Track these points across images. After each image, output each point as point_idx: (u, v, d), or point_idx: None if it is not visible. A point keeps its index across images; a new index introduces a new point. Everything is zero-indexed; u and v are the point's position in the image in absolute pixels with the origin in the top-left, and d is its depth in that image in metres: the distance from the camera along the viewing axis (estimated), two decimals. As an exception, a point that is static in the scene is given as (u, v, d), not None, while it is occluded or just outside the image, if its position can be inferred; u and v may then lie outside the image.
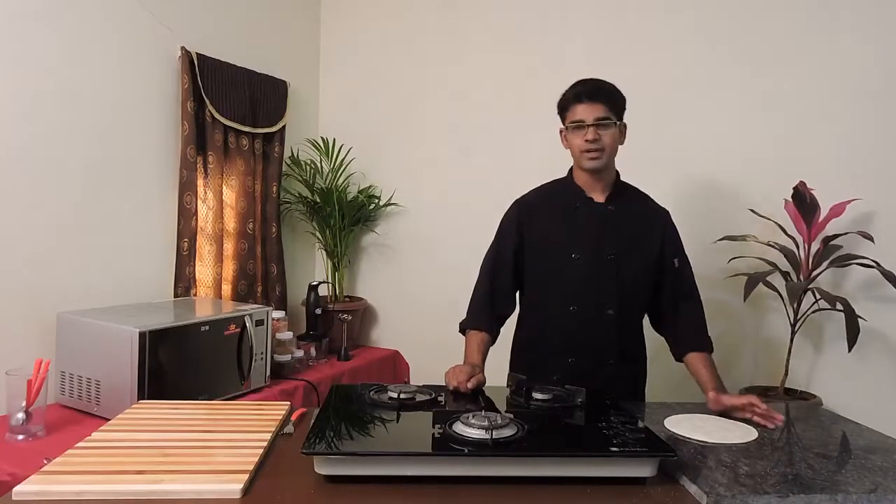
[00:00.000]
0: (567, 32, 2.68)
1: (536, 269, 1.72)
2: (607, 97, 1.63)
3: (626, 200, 1.70)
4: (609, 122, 1.61)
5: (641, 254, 1.68)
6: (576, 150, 1.65)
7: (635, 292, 1.69)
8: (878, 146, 2.14)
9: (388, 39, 3.13)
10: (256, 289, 2.82)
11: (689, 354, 1.66)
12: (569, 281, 1.66)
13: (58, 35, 2.09)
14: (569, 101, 1.65)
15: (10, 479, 1.45)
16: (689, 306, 1.72)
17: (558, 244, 1.68)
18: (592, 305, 1.65)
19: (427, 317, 2.97)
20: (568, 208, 1.69)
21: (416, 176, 3.07)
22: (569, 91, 1.66)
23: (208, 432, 1.23)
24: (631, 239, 1.67)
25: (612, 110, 1.62)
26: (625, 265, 1.65)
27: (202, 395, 1.98)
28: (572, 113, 1.64)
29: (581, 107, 1.62)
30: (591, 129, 1.60)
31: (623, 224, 1.67)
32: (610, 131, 1.61)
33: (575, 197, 1.69)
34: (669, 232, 1.73)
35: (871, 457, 1.20)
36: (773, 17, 2.29)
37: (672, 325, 1.72)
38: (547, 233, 1.70)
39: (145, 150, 2.40)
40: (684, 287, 1.73)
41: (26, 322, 2.02)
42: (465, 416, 1.14)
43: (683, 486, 1.07)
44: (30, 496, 0.96)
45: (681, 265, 1.73)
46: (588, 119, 1.60)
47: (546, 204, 1.74)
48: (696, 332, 1.70)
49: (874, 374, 2.16)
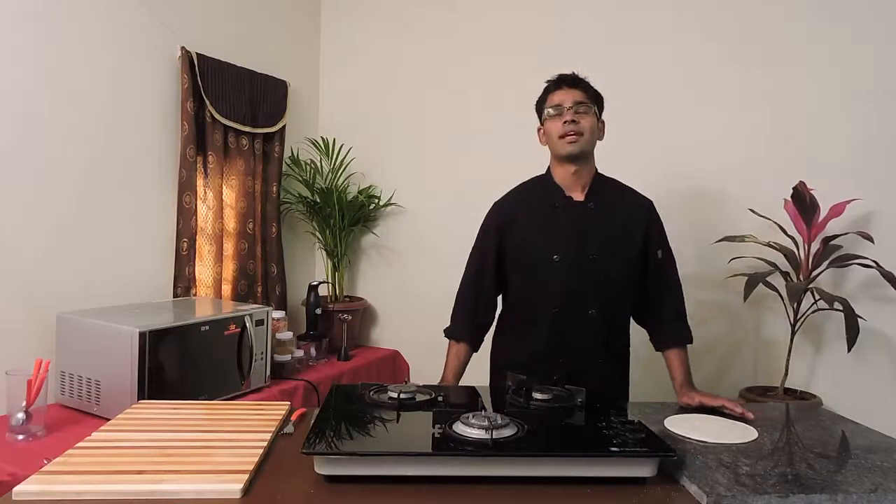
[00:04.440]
0: (567, 32, 2.68)
1: (518, 272, 1.70)
2: (586, 86, 1.64)
3: (606, 196, 1.67)
4: (588, 106, 1.60)
5: (624, 250, 1.66)
6: (554, 136, 1.63)
7: (618, 291, 1.67)
8: (878, 146, 2.14)
9: (388, 39, 3.14)
10: (256, 289, 2.82)
11: (666, 348, 1.69)
12: (551, 283, 1.64)
13: (58, 35, 2.09)
14: (547, 90, 1.67)
15: (10, 479, 1.45)
16: (671, 298, 1.72)
17: (539, 247, 1.65)
18: (575, 306, 1.64)
19: (427, 317, 2.94)
20: (547, 209, 1.66)
21: (416, 176, 3.07)
22: (547, 83, 1.68)
23: (208, 432, 1.23)
24: (613, 236, 1.65)
25: (591, 99, 1.62)
26: (607, 264, 1.63)
27: (202, 395, 1.98)
28: (550, 99, 1.64)
29: (559, 92, 1.63)
30: (569, 111, 1.59)
31: (604, 221, 1.65)
32: (588, 117, 1.61)
33: (554, 196, 1.67)
34: (653, 223, 1.71)
35: (871, 457, 1.20)
36: (773, 16, 2.29)
37: (653, 317, 1.73)
38: (527, 235, 1.68)
39: (145, 149, 2.40)
40: (667, 279, 1.72)
41: (26, 322, 2.02)
42: (465, 416, 1.14)
43: (683, 486, 1.07)
44: (30, 496, 0.96)
45: (664, 256, 1.71)
46: (567, 103, 1.60)
47: (525, 205, 1.71)
48: (677, 325, 1.70)
49: (874, 374, 2.16)
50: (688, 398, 1.52)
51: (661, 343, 1.71)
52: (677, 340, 1.69)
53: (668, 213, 1.79)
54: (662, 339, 1.71)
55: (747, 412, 1.42)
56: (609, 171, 1.76)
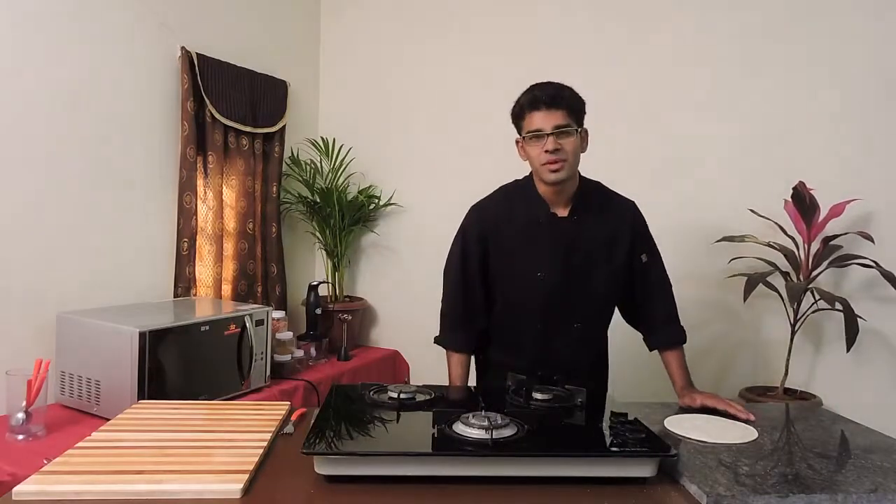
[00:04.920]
0: (567, 32, 2.68)
1: (501, 285, 1.68)
2: (567, 103, 1.51)
3: (590, 209, 1.62)
4: (570, 129, 1.50)
5: (609, 263, 1.63)
6: (535, 162, 1.54)
7: (603, 303, 1.67)
8: (878, 146, 2.14)
9: (388, 40, 3.14)
10: (256, 289, 2.82)
11: (661, 349, 1.68)
12: (535, 298, 1.62)
13: (58, 35, 2.09)
14: (524, 108, 1.53)
15: (10, 479, 1.46)
16: (660, 298, 1.70)
17: (523, 263, 1.61)
18: (559, 321, 1.62)
19: (427, 317, 2.94)
20: (531, 223, 1.61)
21: (416, 176, 3.07)
22: (523, 97, 1.54)
23: (208, 432, 1.23)
24: (598, 251, 1.61)
25: (572, 116, 1.51)
26: (592, 280, 1.61)
27: (202, 395, 1.98)
28: (529, 121, 1.52)
29: (538, 115, 1.50)
30: (550, 138, 1.49)
31: (588, 235, 1.60)
32: (571, 139, 1.51)
33: (538, 210, 1.61)
34: (637, 227, 1.67)
35: (871, 457, 1.20)
36: (772, 16, 2.29)
37: (644, 319, 1.71)
38: (511, 250, 1.63)
39: (145, 149, 2.40)
40: (655, 280, 1.70)
41: (26, 322, 2.02)
42: (465, 416, 1.14)
43: (683, 486, 1.07)
44: (30, 496, 0.96)
45: (650, 259, 1.68)
46: (547, 128, 1.49)
47: (507, 216, 1.65)
48: (669, 325, 1.69)
49: (874, 374, 2.16)
50: (689, 400, 1.51)
51: (654, 345, 1.70)
52: (670, 341, 1.67)
53: (668, 214, 1.80)
54: (655, 340, 1.70)
55: (749, 415, 1.41)
56: (609, 171, 1.76)
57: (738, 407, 1.44)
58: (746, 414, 1.41)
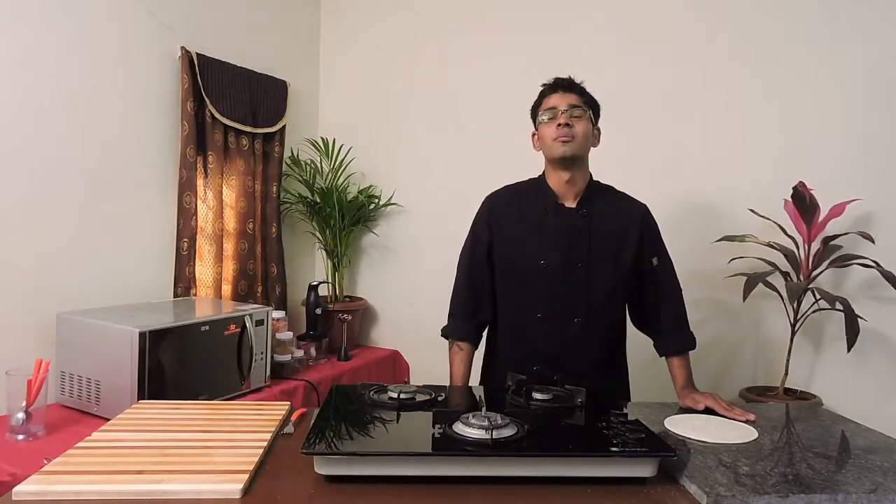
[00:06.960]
0: (567, 32, 2.68)
1: (503, 272, 1.69)
2: (581, 90, 1.64)
3: (599, 204, 1.65)
4: (582, 110, 1.59)
5: (615, 260, 1.63)
6: (548, 139, 1.61)
7: (607, 301, 1.64)
8: (878, 146, 2.14)
9: (388, 39, 3.14)
10: (256, 289, 2.82)
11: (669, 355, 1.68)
12: (537, 287, 1.62)
13: (58, 35, 2.09)
14: (543, 93, 1.66)
15: (10, 479, 1.46)
16: (670, 304, 1.70)
17: (526, 251, 1.63)
18: (559, 314, 1.62)
19: (427, 317, 2.95)
20: (538, 213, 1.65)
21: (416, 176, 3.07)
22: (543, 86, 1.67)
23: (208, 432, 1.23)
24: (604, 245, 1.62)
25: (586, 103, 1.61)
26: (596, 274, 1.61)
27: (202, 395, 1.99)
28: (545, 103, 1.63)
29: (554, 96, 1.62)
30: (563, 114, 1.58)
31: (596, 230, 1.62)
32: (583, 121, 1.59)
33: (546, 201, 1.65)
34: (648, 230, 1.68)
35: (871, 457, 1.20)
36: (773, 16, 2.29)
37: (654, 324, 1.71)
38: (515, 236, 1.66)
39: (145, 149, 2.40)
40: (665, 285, 1.70)
41: (26, 322, 2.02)
42: (465, 416, 1.14)
43: (683, 486, 1.07)
44: (30, 496, 0.96)
45: (660, 263, 1.69)
46: (561, 106, 1.59)
47: (516, 204, 1.69)
48: (678, 332, 1.69)
49: (874, 374, 2.16)
50: (690, 401, 1.51)
51: (663, 351, 1.70)
52: (679, 348, 1.67)
53: (668, 213, 1.79)
54: (664, 346, 1.70)
55: (749, 416, 1.41)
56: (608, 172, 1.75)
57: (737, 411, 1.43)
58: (745, 416, 1.41)
